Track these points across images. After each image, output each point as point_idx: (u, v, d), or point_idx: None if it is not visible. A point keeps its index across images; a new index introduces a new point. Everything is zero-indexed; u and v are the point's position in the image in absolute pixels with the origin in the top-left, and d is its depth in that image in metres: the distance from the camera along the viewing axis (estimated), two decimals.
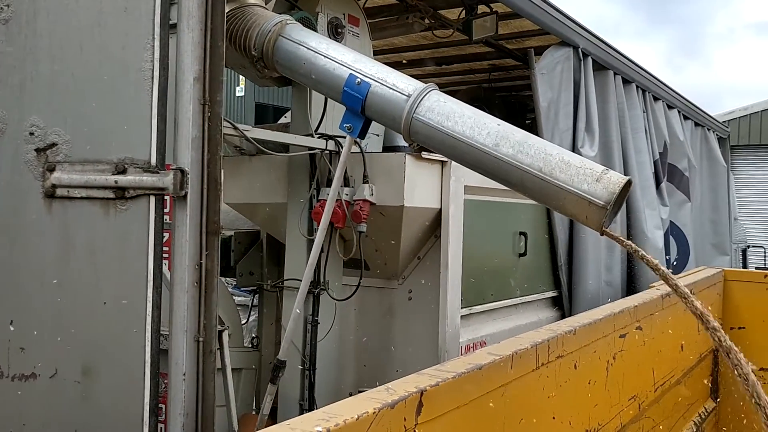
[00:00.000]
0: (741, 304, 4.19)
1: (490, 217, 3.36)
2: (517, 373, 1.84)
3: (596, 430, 2.37)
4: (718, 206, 6.97)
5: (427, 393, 1.47)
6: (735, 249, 7.75)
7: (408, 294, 3.14)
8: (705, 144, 6.93)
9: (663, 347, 3.12)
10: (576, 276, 4.14)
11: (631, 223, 4.73)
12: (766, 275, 4.25)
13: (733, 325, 4.19)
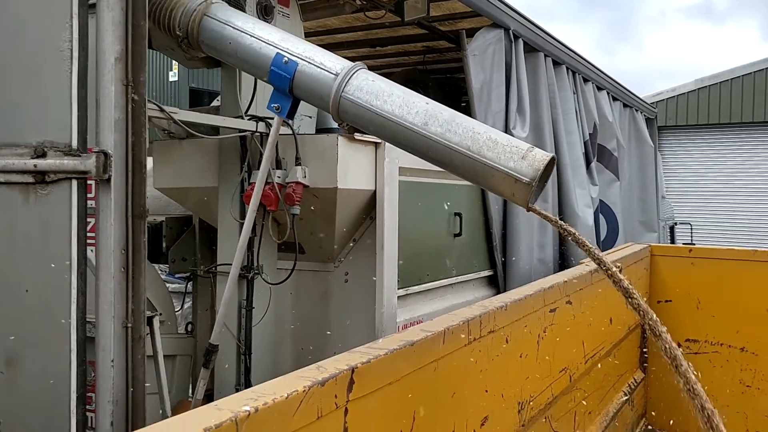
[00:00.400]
0: (667, 278, 4.35)
1: (426, 199, 3.38)
2: (449, 349, 1.87)
3: (528, 402, 2.43)
4: (646, 185, 7.18)
5: (358, 370, 1.48)
6: (663, 226, 8.01)
7: (344, 276, 3.14)
8: (633, 124, 7.12)
9: (592, 321, 3.21)
10: (510, 254, 4.21)
11: (562, 202, 4.83)
12: (690, 250, 4.41)
13: (659, 299, 4.35)
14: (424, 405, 1.75)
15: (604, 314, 3.36)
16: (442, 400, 1.85)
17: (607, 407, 3.58)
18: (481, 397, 2.08)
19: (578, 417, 3.09)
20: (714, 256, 4.27)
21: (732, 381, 4.14)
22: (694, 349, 4.24)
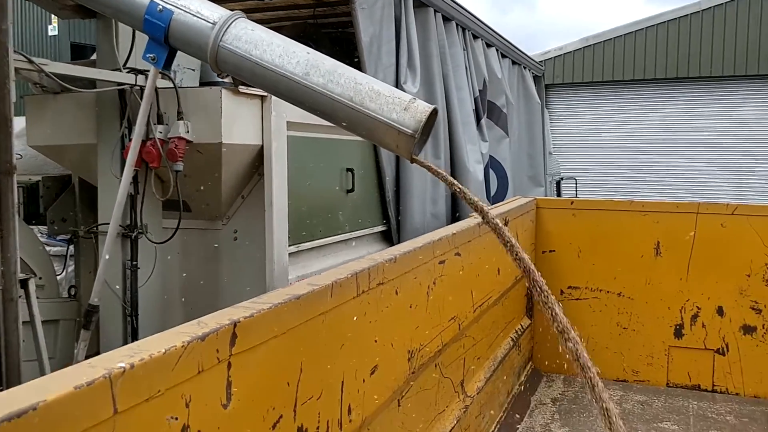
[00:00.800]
0: (551, 229, 4.53)
1: (316, 154, 3.36)
2: (337, 302, 1.88)
3: (418, 350, 2.49)
4: (534, 141, 7.42)
5: (241, 324, 1.46)
6: (550, 181, 8.33)
7: (233, 234, 3.10)
8: (522, 82, 7.31)
9: (481, 271, 3.31)
10: (403, 210, 4.27)
11: (453, 159, 4.92)
12: (572, 202, 4.61)
13: (544, 249, 4.53)
14: (311, 357, 1.75)
15: (492, 265, 3.47)
16: (331, 352, 1.86)
17: (496, 353, 3.73)
18: (370, 347, 2.11)
19: (467, 363, 3.20)
20: (593, 207, 4.48)
21: (610, 324, 4.40)
22: (575, 296, 4.46)
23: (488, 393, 3.48)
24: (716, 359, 4.21)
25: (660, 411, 3.97)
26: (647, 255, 4.31)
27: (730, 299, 4.16)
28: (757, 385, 4.15)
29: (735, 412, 3.94)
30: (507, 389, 3.89)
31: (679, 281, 4.25)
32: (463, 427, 3.05)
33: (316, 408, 1.77)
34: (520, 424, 3.78)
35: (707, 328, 4.22)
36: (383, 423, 2.26)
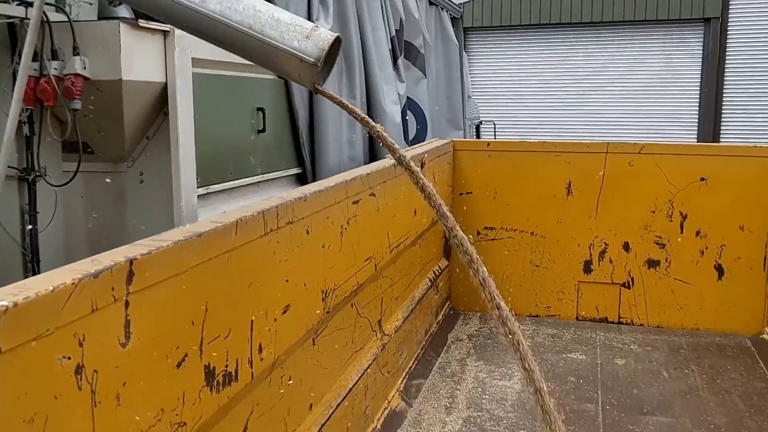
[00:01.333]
0: (468, 171, 4.58)
1: (224, 92, 3.25)
2: (243, 240, 1.84)
3: (333, 290, 2.48)
4: (452, 84, 7.43)
5: (138, 261, 1.41)
6: (469, 125, 8.38)
7: (139, 177, 2.98)
8: (439, 23, 7.26)
9: (397, 212, 3.32)
10: (318, 152, 4.21)
11: (370, 99, 4.87)
12: (488, 144, 4.66)
13: (462, 191, 4.58)
14: (217, 296, 1.71)
15: (408, 206, 3.48)
16: (239, 291, 1.83)
17: (413, 293, 3.77)
18: (281, 287, 2.09)
19: (385, 303, 3.23)
20: (508, 149, 4.54)
21: (524, 262, 4.51)
22: (491, 236, 4.55)
23: (406, 331, 3.53)
24: (622, 293, 4.40)
25: (569, 342, 4.13)
26: (559, 195, 4.42)
27: (635, 235, 4.33)
28: (660, 316, 4.36)
29: (639, 341, 4.14)
30: (425, 328, 3.95)
31: (588, 219, 4.38)
32: (380, 364, 3.09)
33: (224, 347, 1.75)
34: (437, 360, 3.86)
35: (614, 264, 4.38)
36: (298, 361, 2.25)
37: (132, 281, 1.39)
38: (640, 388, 3.51)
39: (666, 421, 3.18)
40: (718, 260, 4.23)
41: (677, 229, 4.26)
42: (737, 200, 4.16)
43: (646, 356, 3.92)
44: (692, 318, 4.31)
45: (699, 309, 4.29)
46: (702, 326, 4.29)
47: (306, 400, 2.35)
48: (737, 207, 4.17)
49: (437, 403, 3.35)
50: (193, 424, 1.61)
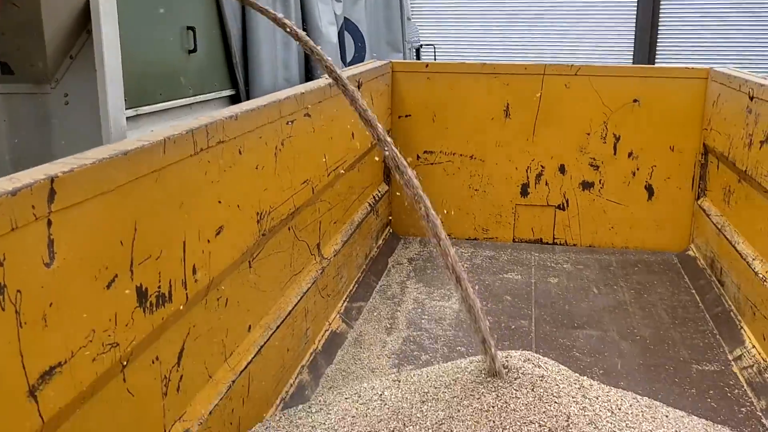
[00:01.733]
0: (407, 94, 4.54)
1: (152, 9, 3.11)
2: (172, 159, 1.79)
3: (268, 213, 2.46)
4: (391, 4, 7.28)
5: (59, 179, 1.36)
6: (409, 48, 8.27)
7: (64, 98, 2.86)
8: None
9: (333, 134, 3.28)
10: (252, 73, 4.10)
11: (305, 19, 4.74)
12: (427, 65, 4.61)
13: (401, 114, 4.55)
14: (147, 216, 1.68)
15: (345, 128, 3.44)
16: (169, 212, 1.79)
17: (352, 217, 3.78)
18: (214, 208, 2.06)
19: (323, 226, 3.23)
20: (447, 70, 4.51)
21: (462, 186, 4.56)
22: (430, 160, 4.57)
23: (346, 255, 3.55)
24: (557, 214, 4.50)
25: (506, 263, 4.23)
26: (497, 117, 4.44)
27: (571, 157, 4.41)
28: (592, 236, 4.49)
29: (571, 261, 4.27)
30: (365, 252, 3.98)
31: (526, 142, 4.43)
32: (320, 287, 3.11)
33: (156, 268, 1.72)
34: (377, 283, 3.91)
35: (550, 186, 4.47)
36: (234, 283, 2.25)
37: (54, 200, 1.34)
38: (571, 305, 3.64)
39: (595, 333, 3.31)
40: (649, 181, 4.36)
41: (611, 151, 4.35)
42: (668, 121, 4.26)
43: (578, 274, 4.06)
44: (623, 237, 4.45)
45: (629, 228, 4.44)
46: (631, 245, 4.45)
47: (244, 322, 2.36)
48: (668, 128, 4.27)
49: (378, 324, 3.42)
50: (126, 345, 1.60)
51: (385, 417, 1.88)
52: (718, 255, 3.74)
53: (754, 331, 3.05)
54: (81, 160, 1.46)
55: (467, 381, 1.82)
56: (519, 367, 1.85)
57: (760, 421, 2.61)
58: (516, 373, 1.82)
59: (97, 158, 1.49)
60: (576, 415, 1.71)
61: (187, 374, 1.94)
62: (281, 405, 2.57)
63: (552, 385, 1.78)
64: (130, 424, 1.67)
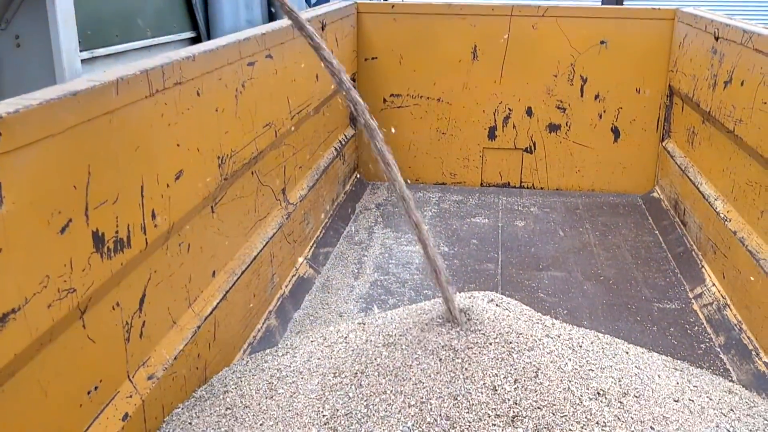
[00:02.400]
0: (373, 35, 4.46)
1: None
2: (126, 101, 1.73)
3: (230, 157, 2.42)
4: None
5: (4, 121, 1.30)
6: None
7: (15, 40, 2.75)
8: None
9: (297, 77, 3.21)
10: (213, 14, 3.99)
11: None
12: (393, 6, 4.52)
13: (366, 56, 4.48)
14: (101, 159, 1.63)
15: (309, 70, 3.37)
16: (125, 155, 1.74)
17: (318, 162, 3.74)
18: (172, 152, 2.01)
19: (288, 171, 3.19)
20: (413, 11, 4.43)
21: (430, 130, 4.53)
22: (397, 103, 4.52)
23: (312, 201, 3.52)
24: (524, 158, 4.51)
25: (473, 208, 4.24)
26: (465, 59, 4.39)
27: (538, 100, 4.39)
28: (559, 179, 4.51)
29: (538, 204, 4.29)
30: (331, 197, 3.96)
31: (493, 84, 4.40)
32: (286, 233, 3.09)
33: (112, 212, 1.68)
34: (344, 228, 3.90)
35: (517, 129, 4.46)
36: (196, 229, 2.21)
37: None
38: (537, 247, 3.67)
39: (560, 275, 3.35)
40: (615, 123, 4.37)
41: (578, 93, 4.34)
42: (635, 63, 4.25)
43: (545, 217, 4.08)
44: (589, 180, 4.48)
45: (595, 171, 4.46)
46: (597, 187, 4.48)
47: (208, 267, 2.34)
48: (635, 70, 4.26)
49: (345, 269, 3.42)
50: (84, 290, 1.57)
51: (349, 359, 1.89)
52: (681, 196, 3.78)
53: (714, 270, 3.11)
54: (27, 101, 1.40)
55: (430, 323, 1.82)
56: (482, 308, 1.87)
57: (718, 356, 2.68)
58: (478, 314, 1.83)
59: (44, 99, 1.44)
60: (537, 353, 1.73)
61: (150, 320, 1.92)
62: (249, 350, 2.58)
63: (513, 324, 1.80)
64: (92, 371, 1.66)
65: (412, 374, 1.71)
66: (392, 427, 1.62)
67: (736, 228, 2.90)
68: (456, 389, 1.66)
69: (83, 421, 1.63)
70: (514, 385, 1.67)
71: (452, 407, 1.63)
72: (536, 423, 1.60)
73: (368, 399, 1.70)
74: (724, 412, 1.90)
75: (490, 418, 1.61)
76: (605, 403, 1.67)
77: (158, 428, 1.91)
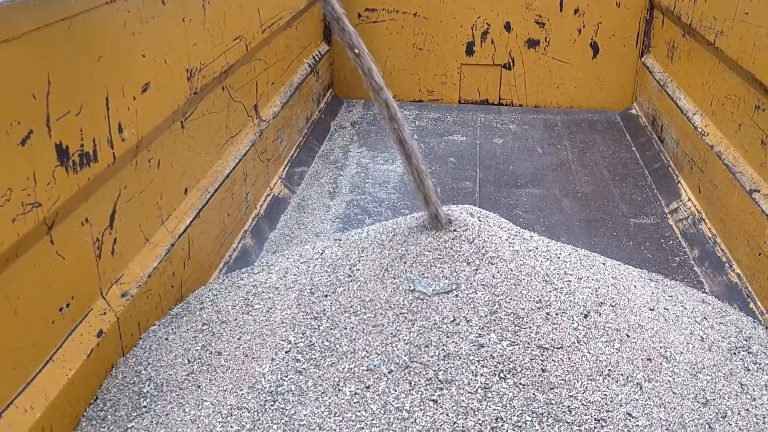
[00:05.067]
0: None
1: None
2: (85, 6, 1.64)
3: (199, 70, 2.33)
4: None
5: None
6: None
7: None
8: None
9: None
10: None
11: None
12: None
13: None
14: (62, 68, 1.55)
15: None
16: (87, 64, 1.66)
17: (291, 78, 3.64)
18: (138, 62, 1.92)
19: (260, 87, 3.10)
20: None
21: (407, 45, 4.42)
22: (373, 18, 4.38)
23: (285, 118, 3.44)
24: (503, 74, 4.43)
25: (451, 125, 4.19)
26: None
27: (517, 14, 4.28)
28: (538, 95, 4.46)
29: (517, 121, 4.25)
30: (306, 115, 3.87)
31: None
32: (259, 151, 3.03)
33: (76, 124, 1.61)
34: (319, 147, 3.84)
35: (496, 44, 4.36)
36: (166, 145, 2.15)
37: None
38: (515, 165, 3.65)
39: (537, 192, 3.34)
40: (594, 38, 4.29)
41: (557, 7, 4.23)
42: None
43: (523, 134, 4.05)
44: (568, 96, 4.43)
45: (574, 87, 4.41)
46: (576, 104, 4.44)
47: (180, 184, 2.28)
48: None
49: (320, 189, 3.38)
50: (50, 205, 1.52)
51: (325, 273, 1.87)
52: (659, 112, 3.75)
53: (690, 185, 3.12)
54: None
55: (407, 234, 1.80)
56: (463, 219, 1.84)
57: (692, 269, 2.71)
58: (457, 224, 1.80)
59: None
60: (515, 263, 1.73)
61: (121, 237, 1.88)
62: (225, 269, 2.55)
63: (492, 235, 1.78)
64: (63, 288, 1.62)
65: (390, 284, 1.70)
66: (370, 342, 1.61)
67: (713, 142, 2.89)
68: (435, 293, 1.65)
69: (56, 337, 1.61)
70: (493, 291, 1.66)
71: (430, 309, 1.63)
72: (514, 322, 1.60)
73: (345, 312, 1.69)
74: (697, 320, 1.92)
75: (469, 308, 1.61)
76: (582, 312, 1.68)
77: (134, 345, 1.89)
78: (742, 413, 1.61)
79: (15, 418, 1.43)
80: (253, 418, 1.51)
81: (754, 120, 2.53)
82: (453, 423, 1.43)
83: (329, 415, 1.46)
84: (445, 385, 1.49)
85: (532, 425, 1.44)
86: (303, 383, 1.54)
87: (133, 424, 1.60)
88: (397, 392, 1.49)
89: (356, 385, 1.51)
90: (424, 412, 1.46)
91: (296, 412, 1.48)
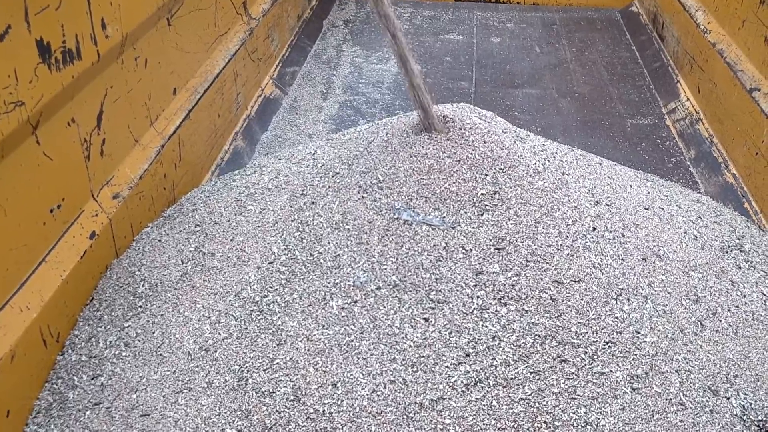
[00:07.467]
0: None
1: None
2: None
3: None
4: None
5: None
6: None
7: None
8: None
9: None
10: None
11: None
12: None
13: None
14: None
15: None
16: None
17: None
18: None
19: None
20: None
21: None
22: None
23: (276, 16, 3.33)
24: None
25: (447, 24, 4.07)
26: None
27: None
28: None
29: (514, 20, 4.12)
30: (297, 13, 3.75)
31: None
32: (249, 50, 2.94)
33: (56, 19, 1.54)
34: (311, 47, 3.73)
35: None
36: (153, 43, 2.07)
37: None
38: (512, 64, 3.57)
39: (534, 92, 3.28)
40: None
41: None
42: None
43: (521, 33, 3.94)
44: None
45: None
46: (575, 2, 4.30)
47: (168, 84, 2.22)
48: None
49: (313, 90, 3.31)
50: (33, 104, 1.47)
51: (317, 174, 1.85)
52: (660, 9, 3.64)
53: (690, 85, 3.06)
54: None
55: (400, 133, 1.76)
56: (459, 117, 1.80)
57: (687, 169, 2.69)
58: (452, 122, 1.77)
59: None
60: (511, 162, 1.70)
61: (110, 138, 1.84)
62: (217, 171, 2.53)
63: (488, 133, 1.75)
64: (53, 189, 1.60)
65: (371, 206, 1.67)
66: (355, 259, 1.60)
67: (715, 39, 2.82)
68: (435, 188, 1.62)
69: (48, 239, 1.60)
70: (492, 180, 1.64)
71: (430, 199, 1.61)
72: (514, 212, 1.59)
73: (338, 211, 1.67)
74: (692, 219, 1.92)
75: (473, 193, 1.59)
76: (578, 210, 1.66)
77: (128, 247, 1.89)
78: (732, 310, 1.63)
79: (11, 318, 1.44)
80: (240, 326, 1.51)
81: (758, 16, 2.45)
82: (446, 340, 1.42)
83: (317, 327, 1.46)
84: (437, 305, 1.46)
85: (533, 346, 1.42)
86: (288, 295, 1.53)
87: (129, 324, 1.62)
88: (386, 308, 1.47)
89: (343, 299, 1.49)
90: (414, 329, 1.44)
91: (283, 323, 1.48)
